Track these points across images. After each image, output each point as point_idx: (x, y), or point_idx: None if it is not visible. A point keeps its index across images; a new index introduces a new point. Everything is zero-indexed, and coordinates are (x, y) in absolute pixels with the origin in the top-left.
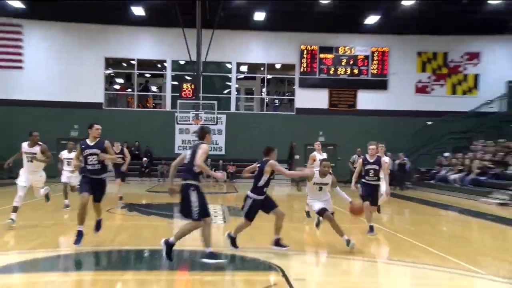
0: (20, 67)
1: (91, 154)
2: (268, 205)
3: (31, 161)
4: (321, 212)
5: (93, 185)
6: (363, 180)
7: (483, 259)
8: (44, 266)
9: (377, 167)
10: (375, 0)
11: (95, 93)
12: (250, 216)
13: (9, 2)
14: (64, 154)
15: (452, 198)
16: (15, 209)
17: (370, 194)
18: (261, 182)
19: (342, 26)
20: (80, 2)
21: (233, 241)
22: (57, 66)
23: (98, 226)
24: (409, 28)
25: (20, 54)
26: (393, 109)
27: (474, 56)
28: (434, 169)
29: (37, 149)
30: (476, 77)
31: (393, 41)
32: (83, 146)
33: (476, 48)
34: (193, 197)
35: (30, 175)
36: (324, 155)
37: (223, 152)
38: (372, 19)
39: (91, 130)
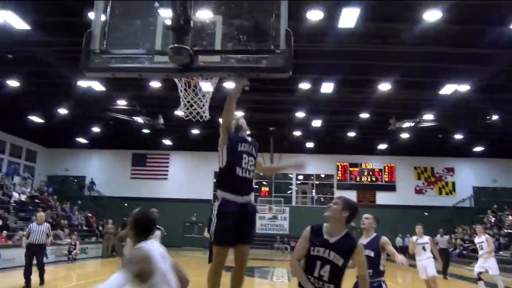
0: (166, 178)
1: None
2: None
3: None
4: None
5: None
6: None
7: None
8: None
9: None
10: (384, 135)
11: (207, 193)
12: None
13: (164, 141)
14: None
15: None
16: None
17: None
18: None
19: (364, 150)
20: (201, 138)
21: None
22: (185, 177)
23: None
24: (407, 151)
25: (167, 171)
26: (400, 204)
27: (450, 170)
28: None
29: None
30: (453, 183)
31: (397, 160)
32: None
33: (451, 164)
34: None
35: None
36: (426, 238)
37: (287, 232)
38: (383, 146)
39: None
